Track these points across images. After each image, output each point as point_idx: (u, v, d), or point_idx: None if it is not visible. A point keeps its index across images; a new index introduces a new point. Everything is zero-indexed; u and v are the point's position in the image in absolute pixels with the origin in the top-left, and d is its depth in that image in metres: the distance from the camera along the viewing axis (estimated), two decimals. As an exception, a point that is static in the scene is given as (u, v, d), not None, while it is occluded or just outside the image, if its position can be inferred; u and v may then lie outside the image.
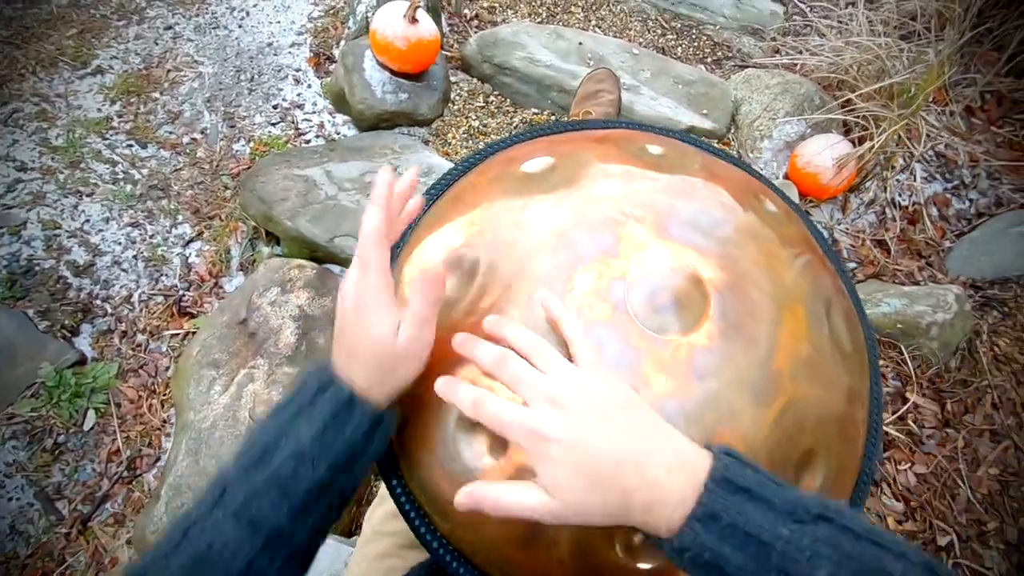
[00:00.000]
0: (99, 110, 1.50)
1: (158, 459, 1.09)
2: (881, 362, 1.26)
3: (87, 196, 1.34)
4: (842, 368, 0.52)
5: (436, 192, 0.61)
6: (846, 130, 1.64)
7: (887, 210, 1.64)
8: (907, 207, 1.66)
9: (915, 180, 1.69)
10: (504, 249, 0.49)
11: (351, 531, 0.97)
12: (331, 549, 0.84)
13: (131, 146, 1.45)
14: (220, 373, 0.97)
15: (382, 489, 0.71)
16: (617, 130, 0.64)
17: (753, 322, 0.47)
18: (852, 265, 1.55)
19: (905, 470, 1.15)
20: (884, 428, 1.18)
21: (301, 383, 0.44)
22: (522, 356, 0.42)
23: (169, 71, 1.60)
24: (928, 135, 1.57)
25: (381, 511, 0.67)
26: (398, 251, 0.59)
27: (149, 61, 1.62)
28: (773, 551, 0.33)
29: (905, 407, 1.21)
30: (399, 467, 0.54)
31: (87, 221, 1.31)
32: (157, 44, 1.66)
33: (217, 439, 0.88)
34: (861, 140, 1.54)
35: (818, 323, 0.50)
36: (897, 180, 1.67)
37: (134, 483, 1.07)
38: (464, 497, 0.39)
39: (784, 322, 0.48)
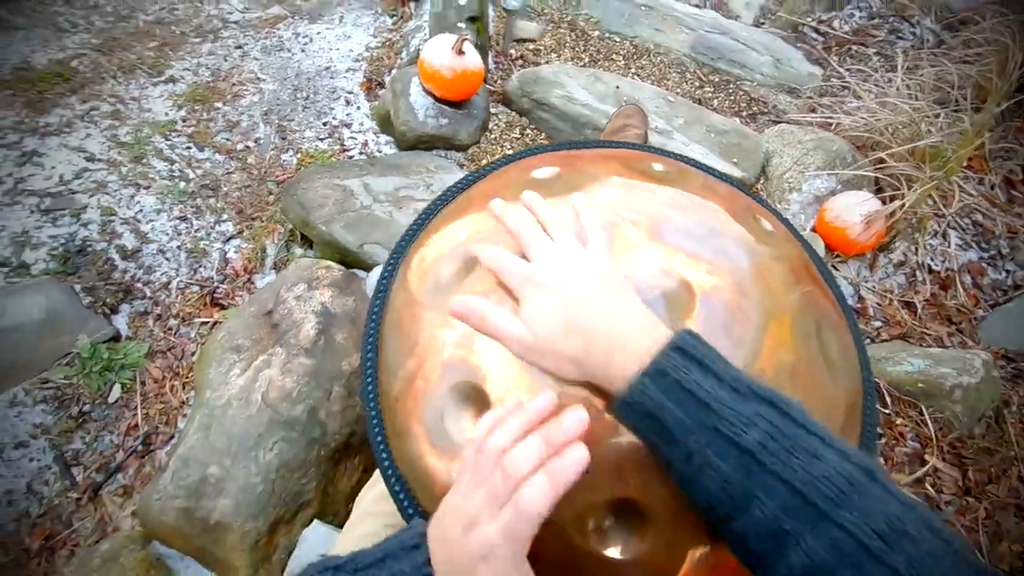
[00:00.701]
0: (166, 114, 1.63)
1: (172, 437, 1.13)
2: (900, 421, 1.22)
3: (144, 188, 1.45)
4: (830, 386, 0.52)
5: (453, 192, 0.65)
6: (877, 189, 1.64)
7: (918, 272, 1.62)
8: (939, 272, 1.63)
9: (949, 246, 1.67)
10: (501, 242, 0.53)
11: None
12: (322, 536, 0.85)
13: (190, 148, 1.56)
14: (240, 357, 1.01)
15: (375, 474, 0.73)
16: (626, 150, 0.68)
17: (738, 326, 0.48)
18: (878, 324, 1.52)
19: (918, 535, 1.09)
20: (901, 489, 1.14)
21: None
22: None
23: (233, 85, 1.74)
24: (961, 200, 1.56)
25: (371, 494, 0.69)
26: (410, 241, 0.63)
27: (217, 75, 1.76)
28: (710, 411, 0.36)
29: (924, 469, 1.17)
30: (390, 446, 0.56)
31: (140, 211, 1.41)
32: (226, 60, 1.80)
33: (229, 417, 0.92)
34: (892, 199, 1.54)
35: (805, 337, 0.52)
36: (930, 244, 1.65)
37: (146, 458, 1.11)
38: (459, 304, 0.47)
39: (769, 329, 0.49)
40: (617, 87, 1.68)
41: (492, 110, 1.64)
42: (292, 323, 1.05)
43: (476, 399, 0.51)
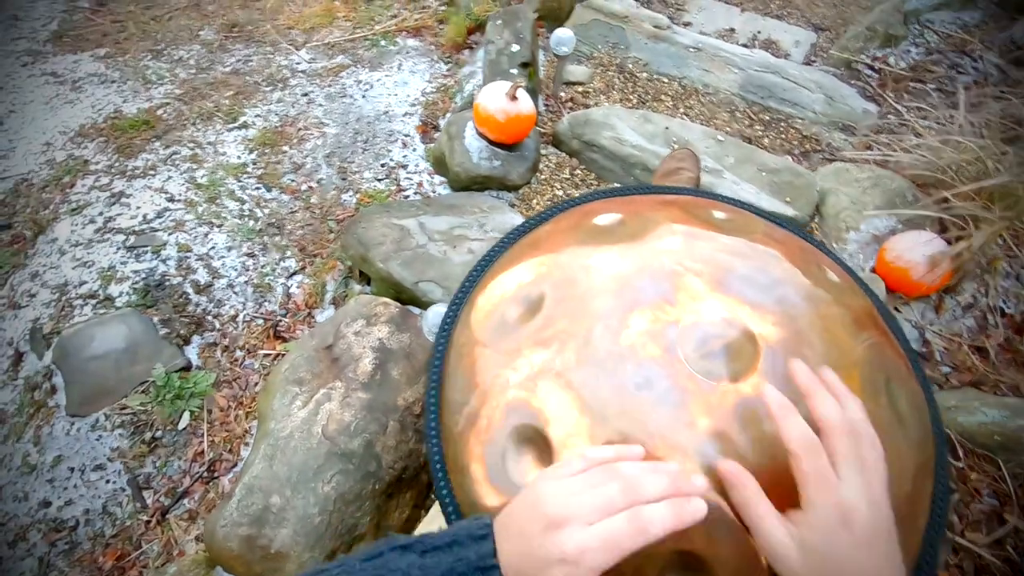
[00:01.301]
0: (239, 157, 1.75)
1: (235, 465, 1.18)
2: (975, 475, 1.15)
3: (217, 227, 1.55)
4: (901, 441, 0.51)
5: (515, 235, 0.68)
6: (941, 229, 1.58)
7: (989, 316, 1.53)
8: (1013, 315, 1.54)
9: (1023, 288, 1.58)
10: (568, 288, 0.55)
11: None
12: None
13: (259, 189, 1.67)
14: (302, 390, 1.06)
15: (433, 509, 0.74)
16: (686, 196, 0.69)
17: (803, 378, 0.48)
18: (946, 369, 1.45)
19: (1001, 602, 1.02)
20: (978, 550, 1.07)
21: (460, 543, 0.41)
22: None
23: (299, 130, 1.85)
24: (1036, 241, 1.49)
25: (429, 531, 0.70)
26: (474, 283, 0.66)
27: (285, 120, 1.88)
28: None
29: (1004, 530, 1.09)
30: (450, 481, 0.58)
31: (213, 248, 1.51)
32: (294, 107, 1.93)
33: (292, 448, 0.96)
34: (957, 240, 1.48)
35: (875, 392, 0.51)
36: (1002, 286, 1.58)
37: (211, 484, 1.16)
38: (732, 467, 0.41)
39: (836, 383, 0.48)
40: (666, 128, 1.70)
41: (542, 151, 1.69)
42: (351, 358, 1.10)
43: (537, 442, 0.52)
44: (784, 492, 0.41)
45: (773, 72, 2.04)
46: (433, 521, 0.71)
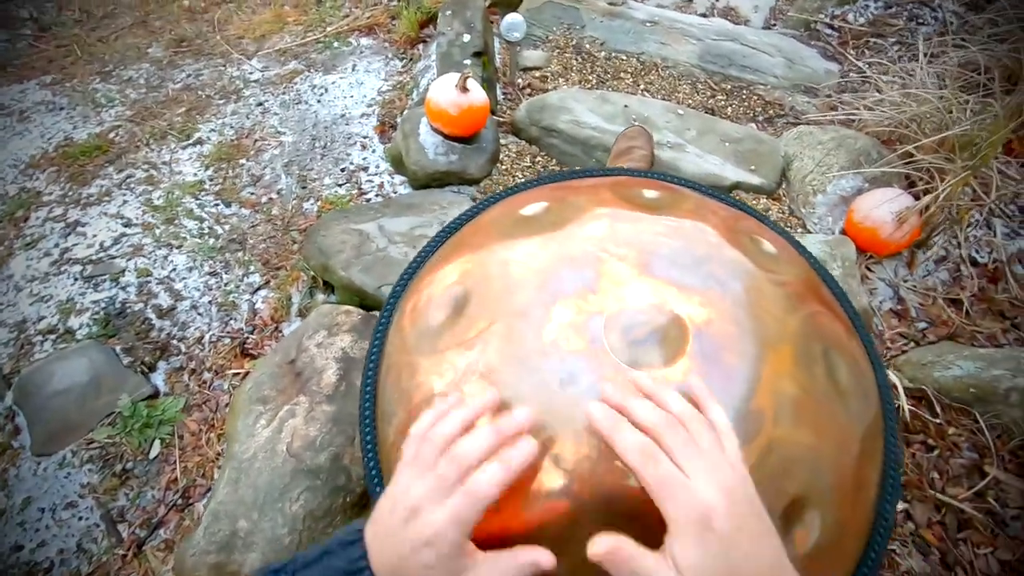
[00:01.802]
0: (195, 175, 1.71)
1: (209, 489, 1.16)
2: (952, 430, 1.14)
3: (176, 248, 1.52)
4: (842, 415, 0.50)
5: (445, 234, 0.66)
6: (908, 184, 1.57)
7: (962, 267, 1.52)
8: (986, 264, 1.53)
9: (995, 236, 1.57)
10: (490, 284, 0.53)
11: None
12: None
13: (217, 205, 1.64)
14: (267, 408, 1.04)
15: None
16: (621, 176, 0.67)
17: (733, 358, 0.47)
18: (922, 325, 1.44)
19: (986, 555, 1.01)
20: (960, 505, 1.06)
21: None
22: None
23: (256, 141, 1.82)
24: (1002, 187, 1.48)
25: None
26: (404, 287, 0.64)
27: (240, 132, 1.84)
28: None
29: (984, 482, 1.08)
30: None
31: (174, 270, 1.48)
32: (248, 118, 1.89)
33: (256, 469, 0.94)
34: (924, 194, 1.47)
35: (810, 364, 0.49)
36: (973, 235, 1.56)
37: (186, 511, 1.14)
38: (602, 548, 0.38)
39: (767, 360, 0.47)
40: (625, 106, 1.67)
41: (503, 141, 1.66)
42: (314, 370, 1.07)
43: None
44: None
45: (732, 40, 2.01)
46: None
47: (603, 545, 0.38)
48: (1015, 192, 1.56)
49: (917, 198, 1.46)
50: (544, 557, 0.40)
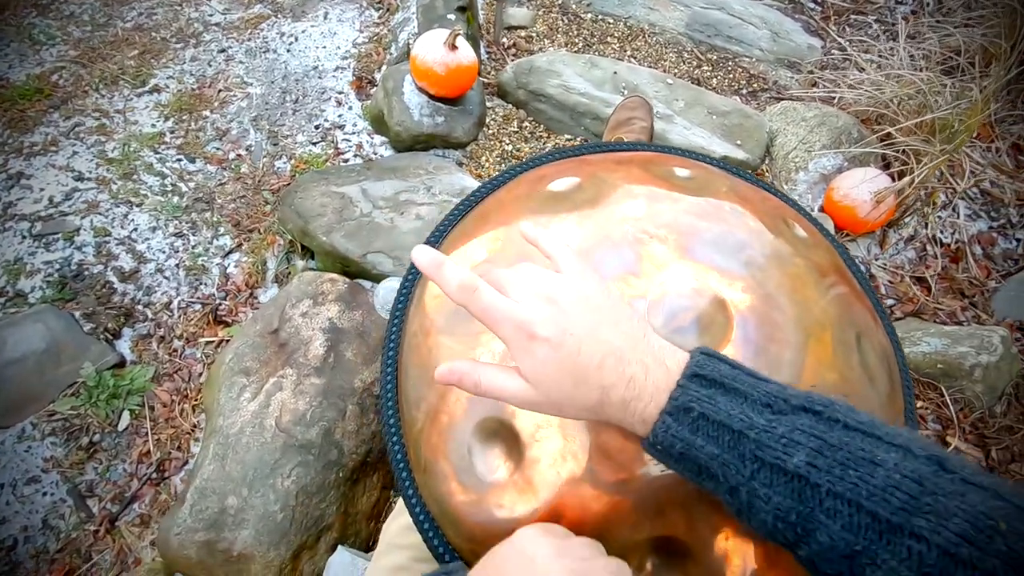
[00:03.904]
0: (153, 126, 1.58)
1: (186, 463, 1.11)
2: (920, 404, 1.21)
3: (137, 206, 1.41)
4: (873, 399, 0.50)
5: (464, 208, 0.62)
6: (885, 164, 1.61)
7: (928, 247, 1.59)
8: (950, 245, 1.61)
9: (958, 217, 1.64)
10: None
11: (368, 547, 0.97)
12: (347, 563, 0.84)
13: (180, 160, 1.52)
14: (250, 380, 0.99)
15: (399, 503, 0.71)
16: (644, 152, 0.65)
17: (776, 347, 0.46)
18: (890, 302, 1.50)
19: (945, 518, 1.09)
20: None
21: None
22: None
23: (220, 91, 1.69)
24: (972, 172, 1.53)
25: (396, 524, 0.67)
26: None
27: (202, 81, 1.71)
28: (746, 439, 0.33)
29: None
30: (415, 480, 0.54)
31: (135, 230, 1.38)
32: (211, 66, 1.75)
33: (244, 445, 0.90)
34: (901, 175, 1.51)
35: (847, 351, 0.49)
36: (939, 217, 1.63)
37: (161, 485, 1.09)
38: (445, 372, 0.40)
39: (809, 348, 0.47)
40: (615, 72, 1.63)
41: (488, 104, 1.60)
42: (300, 341, 1.03)
43: (504, 435, 0.49)
44: None
45: (719, 8, 1.98)
46: (401, 514, 0.68)
47: (444, 369, 0.40)
48: (981, 176, 1.63)
49: (893, 179, 1.51)
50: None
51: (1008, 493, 0.30)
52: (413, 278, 0.60)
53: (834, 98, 1.74)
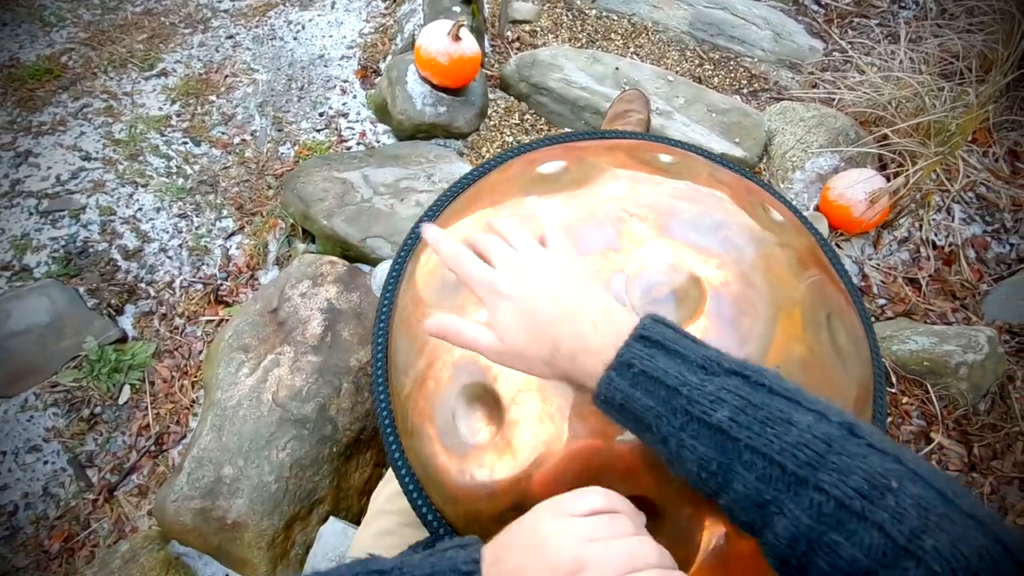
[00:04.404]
0: (160, 109, 1.61)
1: (183, 436, 1.14)
2: (905, 399, 1.23)
3: (142, 187, 1.44)
4: (842, 377, 0.52)
5: (461, 186, 0.64)
6: (881, 166, 1.62)
7: (922, 249, 1.61)
8: (943, 247, 1.62)
9: (953, 220, 1.66)
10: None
11: (359, 520, 0.99)
12: (339, 532, 0.87)
13: (186, 143, 1.55)
14: (249, 357, 1.02)
15: (388, 472, 0.73)
16: (632, 140, 0.67)
17: (748, 320, 0.48)
18: (882, 302, 1.52)
19: (925, 511, 1.11)
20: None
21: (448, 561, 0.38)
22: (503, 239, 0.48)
23: (227, 76, 1.71)
24: (967, 175, 1.55)
25: (386, 491, 0.70)
26: (417, 239, 0.63)
27: (209, 67, 1.73)
28: (678, 394, 0.37)
29: (929, 447, 1.18)
30: (402, 444, 0.57)
31: (140, 210, 1.40)
32: (218, 51, 1.77)
33: (241, 417, 0.93)
34: (896, 176, 1.53)
35: (816, 329, 0.51)
36: (934, 219, 1.65)
37: (159, 457, 1.12)
38: (433, 324, 0.46)
39: (779, 322, 0.49)
40: (616, 68, 1.65)
41: (490, 95, 1.62)
42: (298, 320, 1.05)
43: (486, 400, 0.51)
44: None
45: (722, 8, 2.00)
46: (390, 481, 0.71)
47: (432, 322, 0.46)
48: (976, 180, 1.65)
49: (889, 180, 1.52)
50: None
51: (908, 460, 0.33)
52: (405, 255, 0.62)
53: (833, 99, 1.76)
